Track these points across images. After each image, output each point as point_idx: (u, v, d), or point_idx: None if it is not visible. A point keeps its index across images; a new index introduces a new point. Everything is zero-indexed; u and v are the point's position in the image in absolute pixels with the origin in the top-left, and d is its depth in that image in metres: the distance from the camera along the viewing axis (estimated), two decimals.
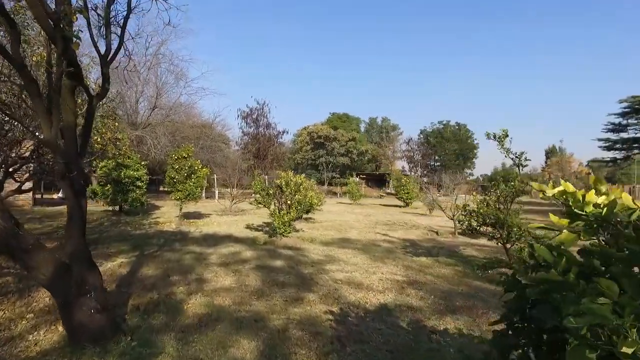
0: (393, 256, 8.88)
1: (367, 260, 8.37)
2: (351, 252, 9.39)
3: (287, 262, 8.07)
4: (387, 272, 7.19)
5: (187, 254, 8.80)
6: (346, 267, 7.66)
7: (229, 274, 6.88)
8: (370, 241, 11.01)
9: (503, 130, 7.28)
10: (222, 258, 8.44)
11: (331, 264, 7.89)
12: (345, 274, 7.00)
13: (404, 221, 16.60)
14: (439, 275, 7.02)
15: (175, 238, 11.40)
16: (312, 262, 8.07)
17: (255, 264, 7.84)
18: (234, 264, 7.78)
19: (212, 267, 7.49)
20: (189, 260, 8.07)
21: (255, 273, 7.00)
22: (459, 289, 6.01)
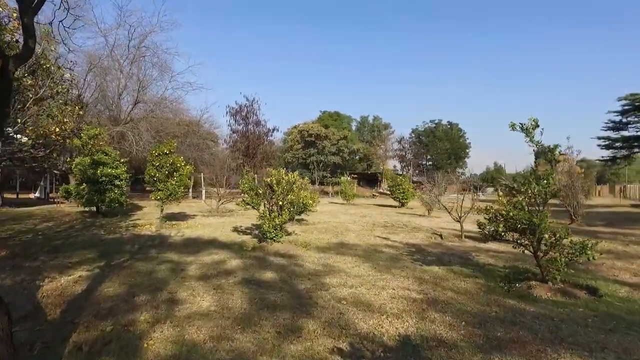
0: (400, 265, 7.76)
1: (371, 271, 7.23)
2: (352, 259, 8.25)
3: (279, 273, 6.89)
4: (399, 287, 6.06)
5: (162, 264, 7.56)
6: (349, 280, 6.51)
7: (208, 292, 5.68)
8: (371, 246, 9.89)
9: (532, 120, 6.21)
10: (203, 269, 7.23)
11: (331, 276, 6.74)
12: (349, 290, 5.85)
13: (402, 223, 15.53)
14: (460, 290, 5.91)
15: (153, 243, 10.14)
16: (308, 274, 6.90)
17: (242, 276, 6.65)
18: (216, 277, 6.57)
19: (189, 281, 6.28)
20: (163, 273, 6.84)
21: (241, 289, 5.81)
22: (491, 310, 4.90)
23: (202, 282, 6.25)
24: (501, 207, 6.14)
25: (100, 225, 13.59)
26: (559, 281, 5.86)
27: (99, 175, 16.08)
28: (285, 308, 4.93)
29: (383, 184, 51.34)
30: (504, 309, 4.94)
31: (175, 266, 7.42)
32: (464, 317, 4.64)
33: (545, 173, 5.98)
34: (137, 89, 25.24)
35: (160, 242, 10.34)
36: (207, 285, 6.05)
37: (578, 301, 5.29)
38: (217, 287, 5.95)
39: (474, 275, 6.89)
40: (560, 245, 5.75)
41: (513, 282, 6.31)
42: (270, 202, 10.13)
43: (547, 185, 5.88)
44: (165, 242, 10.38)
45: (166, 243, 10.29)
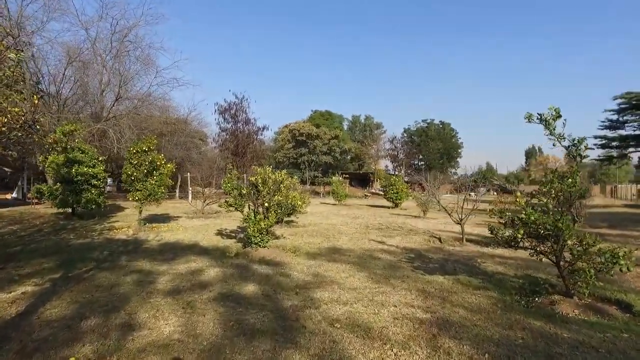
0: (400, 274, 6.90)
1: (368, 282, 6.36)
2: (345, 268, 7.37)
3: (262, 286, 5.98)
4: (401, 303, 5.20)
5: (129, 275, 6.61)
6: (343, 294, 5.63)
7: (176, 311, 4.75)
8: (366, 251, 9.02)
9: (554, 110, 5.39)
10: (176, 281, 6.29)
11: (322, 289, 5.85)
12: (343, 308, 4.96)
13: (397, 224, 14.70)
14: (473, 307, 5.07)
15: (125, 249, 9.17)
16: (296, 286, 6.00)
17: (219, 290, 5.73)
18: (188, 292, 5.64)
19: (155, 297, 5.34)
20: (127, 286, 5.89)
21: (216, 308, 4.89)
22: (516, 336, 4.05)
23: (170, 298, 5.31)
24: (519, 209, 5.30)
25: (72, 229, 12.52)
26: (587, 295, 5.05)
27: (74, 174, 14.98)
28: (266, 334, 4.03)
29: (375, 184, 50.64)
30: (531, 334, 4.09)
31: (144, 277, 6.47)
32: (486, 346, 3.78)
33: (571, 170, 5.16)
34: (119, 84, 24.02)
35: (134, 248, 9.36)
36: (175, 302, 5.12)
37: (615, 322, 4.47)
38: (188, 305, 5.02)
39: (485, 287, 6.05)
40: (588, 254, 4.93)
41: (531, 295, 5.49)
42: (256, 204, 9.21)
43: (572, 184, 5.06)
44: (140, 248, 9.41)
45: (140, 249, 9.31)
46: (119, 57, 25.58)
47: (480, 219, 15.63)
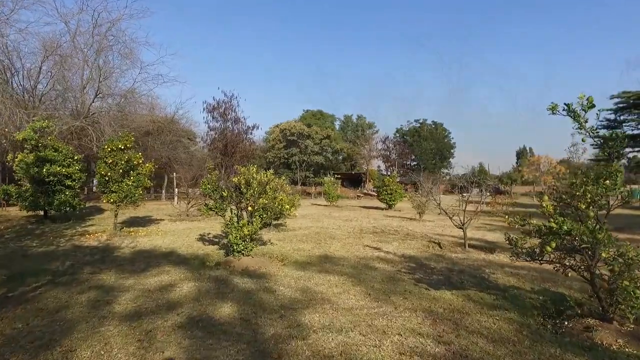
0: (401, 289, 6.02)
1: (365, 299, 5.47)
2: (338, 281, 6.48)
3: (241, 307, 5.05)
4: (406, 330, 4.31)
5: (86, 293, 5.64)
6: (336, 316, 4.72)
7: (128, 346, 3.80)
8: (361, 260, 8.13)
9: (586, 99, 4.55)
10: (140, 299, 5.33)
11: (312, 310, 4.94)
12: (337, 338, 4.06)
13: (393, 228, 13.85)
14: (494, 335, 4.20)
15: (92, 259, 8.19)
16: (281, 306, 5.08)
17: (188, 313, 4.78)
18: (151, 316, 4.69)
19: (108, 324, 4.38)
20: (78, 309, 4.92)
21: (180, 340, 3.95)
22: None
23: (127, 325, 4.35)
24: (547, 215, 4.43)
25: (39, 234, 11.45)
26: (631, 321, 4.21)
27: (45, 174, 13.88)
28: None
29: (368, 185, 49.90)
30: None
31: (103, 295, 5.50)
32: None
33: (613, 170, 4.32)
34: (99, 79, 22.82)
35: (102, 257, 8.37)
36: (131, 332, 4.16)
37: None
38: (146, 335, 4.07)
39: (501, 306, 5.19)
40: (631, 270, 4.09)
41: (558, 317, 4.64)
42: (239, 207, 8.26)
43: (612, 186, 4.21)
44: (109, 257, 8.42)
45: (110, 258, 8.32)
46: (101, 51, 24.38)
47: (480, 221, 14.89)
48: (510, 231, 5.65)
